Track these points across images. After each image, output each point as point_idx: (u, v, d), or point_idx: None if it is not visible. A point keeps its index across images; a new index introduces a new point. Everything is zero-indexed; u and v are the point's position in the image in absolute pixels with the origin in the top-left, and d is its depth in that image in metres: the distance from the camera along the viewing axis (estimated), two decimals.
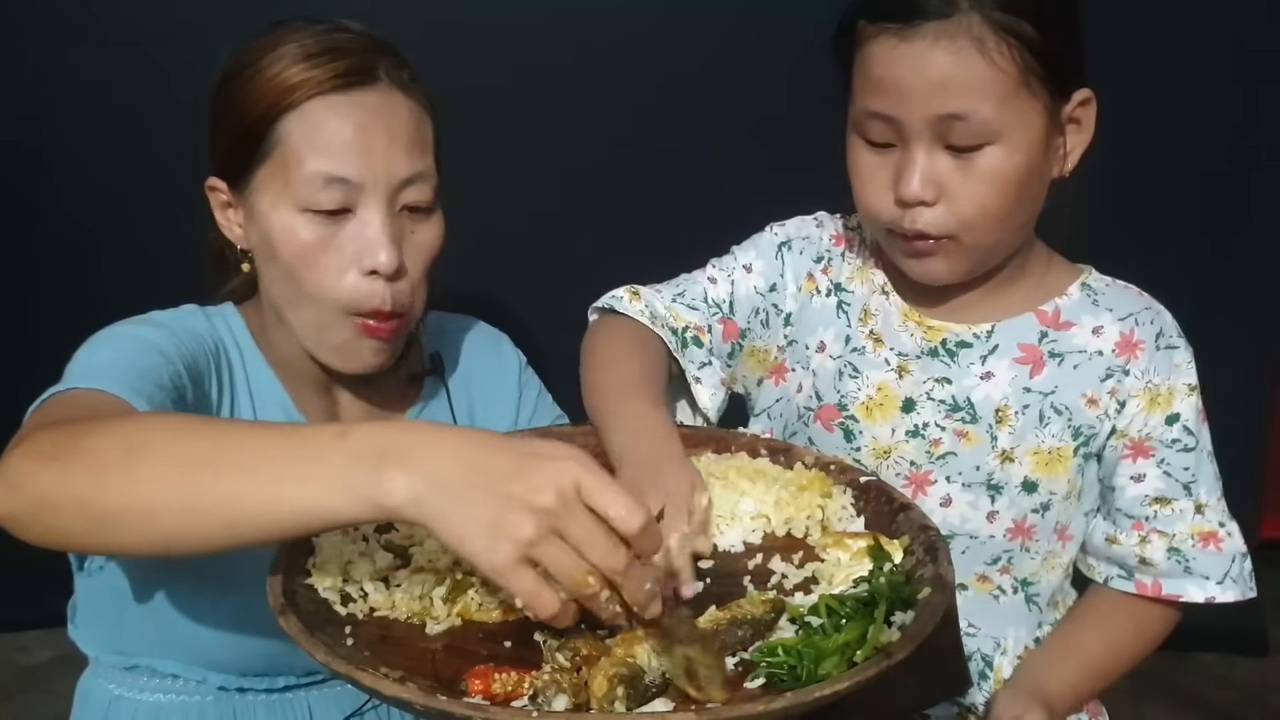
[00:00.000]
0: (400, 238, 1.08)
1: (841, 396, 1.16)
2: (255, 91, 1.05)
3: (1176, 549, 1.11)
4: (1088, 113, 1.06)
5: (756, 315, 1.22)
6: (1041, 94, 1.01)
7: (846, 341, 1.17)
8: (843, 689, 0.72)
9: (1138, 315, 1.12)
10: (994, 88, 0.99)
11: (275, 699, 1.16)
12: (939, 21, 0.98)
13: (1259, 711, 2.23)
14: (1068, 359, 1.12)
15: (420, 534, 0.94)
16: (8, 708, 2.17)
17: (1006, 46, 0.98)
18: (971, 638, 1.14)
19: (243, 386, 1.14)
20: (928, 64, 0.99)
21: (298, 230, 1.05)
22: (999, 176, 1.02)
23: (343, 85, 1.05)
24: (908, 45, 1.00)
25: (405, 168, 1.07)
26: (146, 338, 1.02)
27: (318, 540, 0.91)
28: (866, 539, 0.93)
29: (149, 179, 2.04)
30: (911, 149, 1.03)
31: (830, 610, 0.82)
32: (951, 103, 1.00)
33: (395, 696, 0.72)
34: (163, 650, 1.13)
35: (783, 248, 1.22)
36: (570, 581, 0.72)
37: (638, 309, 1.18)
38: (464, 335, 1.31)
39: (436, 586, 0.89)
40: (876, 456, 1.14)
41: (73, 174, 2.08)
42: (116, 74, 2.01)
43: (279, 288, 1.10)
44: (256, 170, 1.07)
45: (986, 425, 1.11)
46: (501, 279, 1.86)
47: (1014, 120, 1.01)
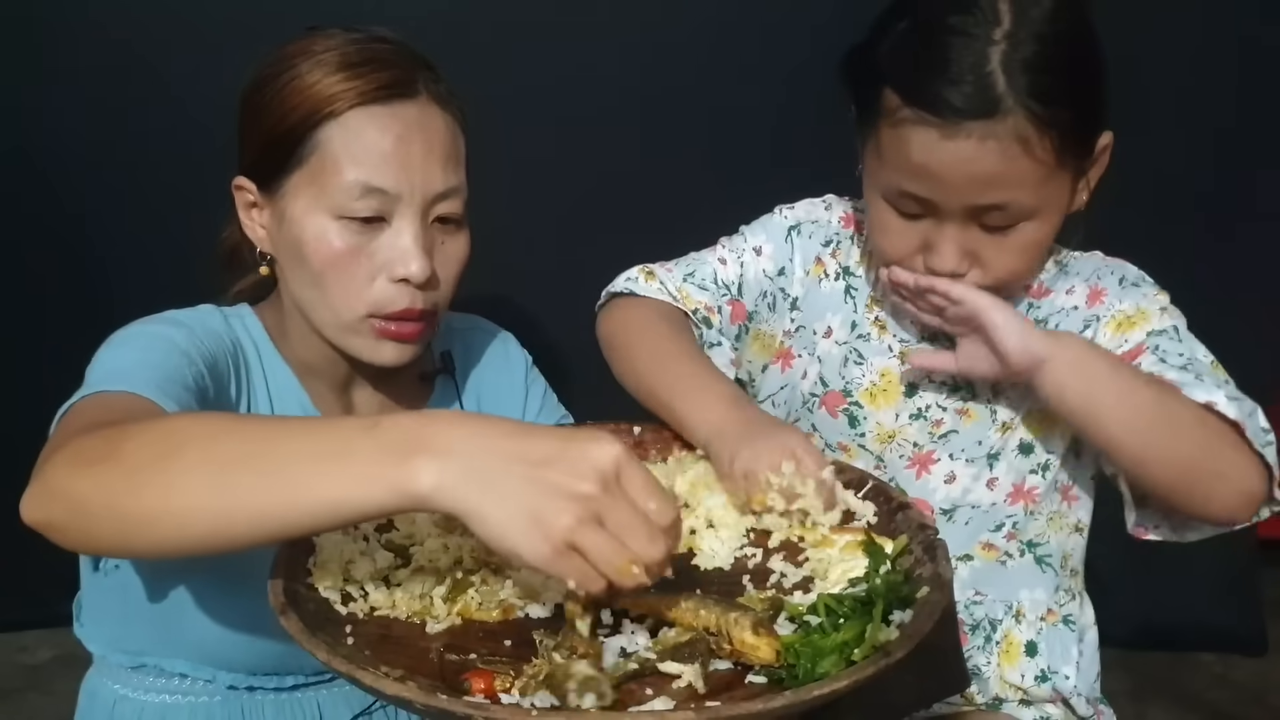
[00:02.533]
0: (432, 249, 1.08)
1: (846, 383, 1.17)
2: (294, 97, 1.05)
3: (1186, 369, 1.04)
4: (1108, 151, 1.07)
5: (764, 299, 1.23)
6: (1070, 162, 1.02)
7: (853, 327, 1.19)
8: (841, 688, 0.72)
9: (1099, 270, 1.16)
10: (1034, 177, 1.00)
11: (284, 698, 1.17)
12: (984, 122, 0.98)
13: (1259, 711, 2.23)
14: (1049, 321, 1.15)
15: (420, 533, 0.94)
16: (8, 708, 2.17)
17: (1049, 140, 0.99)
18: (979, 605, 1.15)
19: (260, 386, 1.14)
20: (973, 162, 0.99)
21: (331, 237, 1.06)
22: (1031, 245, 1.05)
23: (384, 97, 1.05)
24: (951, 142, 0.99)
25: (441, 182, 1.07)
26: (168, 337, 1.02)
27: (318, 540, 0.92)
28: (856, 534, 0.94)
29: (151, 180, 2.04)
30: (945, 226, 1.04)
31: (829, 609, 0.83)
32: (992, 195, 1.01)
33: (396, 695, 0.73)
34: (171, 649, 1.13)
35: (792, 231, 1.23)
36: (614, 571, 0.71)
37: (655, 288, 1.21)
38: (471, 334, 1.32)
39: (436, 586, 0.89)
40: (881, 441, 1.15)
41: (73, 175, 2.07)
42: (117, 75, 2.01)
43: (304, 291, 1.10)
44: (290, 175, 1.07)
45: (985, 399, 1.14)
46: (506, 277, 1.86)
47: (1050, 197, 1.03)
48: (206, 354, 1.05)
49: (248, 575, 1.00)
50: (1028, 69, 0.97)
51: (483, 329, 1.35)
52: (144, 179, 2.04)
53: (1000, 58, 0.98)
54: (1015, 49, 0.98)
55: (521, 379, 1.33)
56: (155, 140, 2.00)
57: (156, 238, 2.00)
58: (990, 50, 0.98)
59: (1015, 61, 0.97)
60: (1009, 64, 0.97)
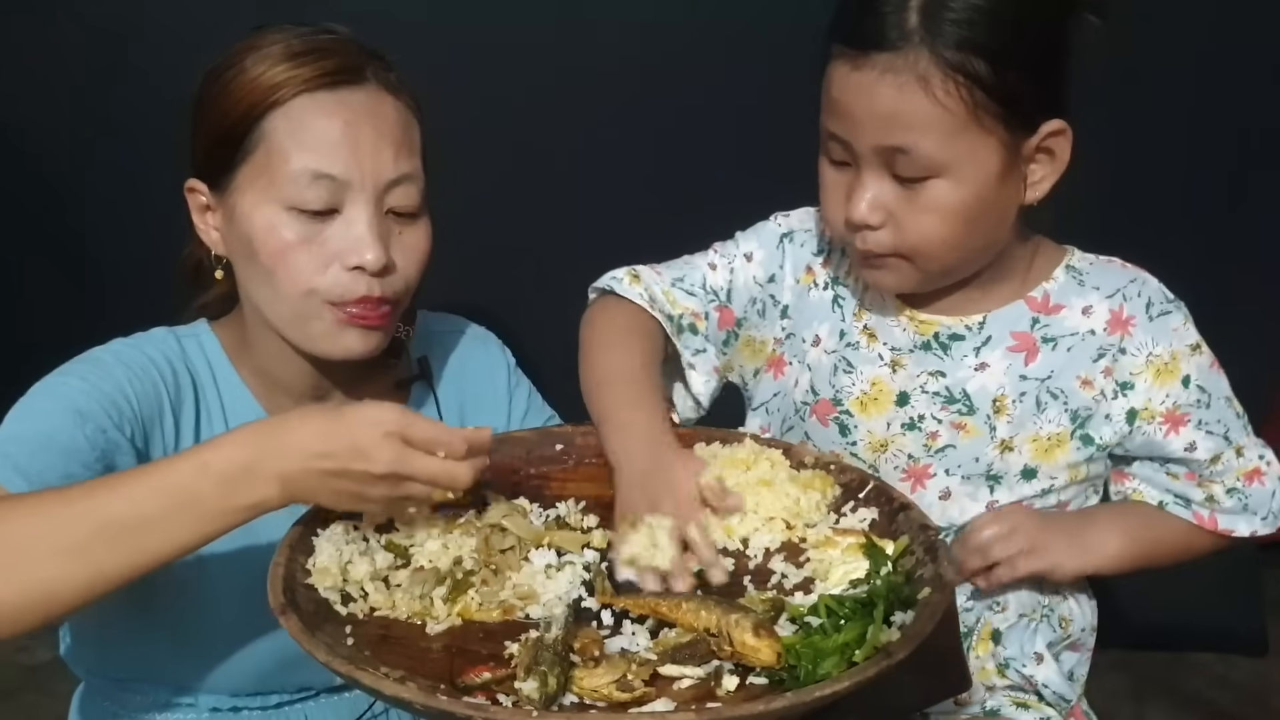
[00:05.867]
0: (387, 238, 1.05)
1: (836, 391, 1.16)
2: (238, 90, 1.03)
3: (1235, 488, 1.14)
4: (1060, 143, 1.03)
5: (754, 305, 1.22)
6: (996, 129, 0.99)
7: (841, 336, 1.18)
8: (842, 689, 0.72)
9: (1124, 289, 1.12)
10: (937, 124, 0.98)
11: (271, 714, 1.15)
12: (889, 54, 0.97)
13: (1259, 711, 2.23)
14: (1060, 343, 1.12)
15: (420, 535, 0.94)
16: (8, 708, 2.17)
17: (954, 85, 0.97)
18: (969, 611, 1.15)
19: (216, 408, 1.12)
20: (873, 95, 0.99)
21: (280, 228, 1.03)
22: (944, 208, 1.02)
23: (330, 83, 1.03)
24: (859, 74, 0.99)
25: (393, 168, 1.05)
26: (68, 397, 1.00)
27: (318, 540, 0.91)
28: (857, 536, 0.94)
29: (143, 183, 2.03)
30: (862, 173, 1.03)
31: (830, 610, 0.82)
32: (895, 136, 0.99)
33: (395, 696, 0.73)
34: (151, 676, 1.13)
35: (785, 239, 1.22)
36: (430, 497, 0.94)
37: (637, 292, 1.19)
38: (452, 337, 1.29)
39: (436, 586, 0.89)
40: (873, 450, 1.14)
41: (68, 177, 2.07)
42: (117, 76, 2.01)
43: (258, 289, 1.07)
44: (238, 169, 1.04)
45: (985, 416, 1.12)
46: (491, 277, 1.86)
47: (961, 155, 1.00)
48: (123, 399, 1.03)
49: (216, 617, 1.05)
50: (946, 11, 0.96)
51: (462, 331, 1.31)
52: (137, 182, 2.03)
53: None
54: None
55: (504, 383, 1.30)
56: (150, 143, 2.00)
57: (148, 240, 2.00)
58: None
59: (936, 3, 0.96)
60: (928, 3, 0.97)
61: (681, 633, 0.83)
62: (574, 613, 0.87)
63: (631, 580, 0.91)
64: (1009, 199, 1.05)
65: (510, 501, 1.01)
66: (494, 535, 0.95)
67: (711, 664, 0.80)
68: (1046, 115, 1.02)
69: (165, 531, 0.85)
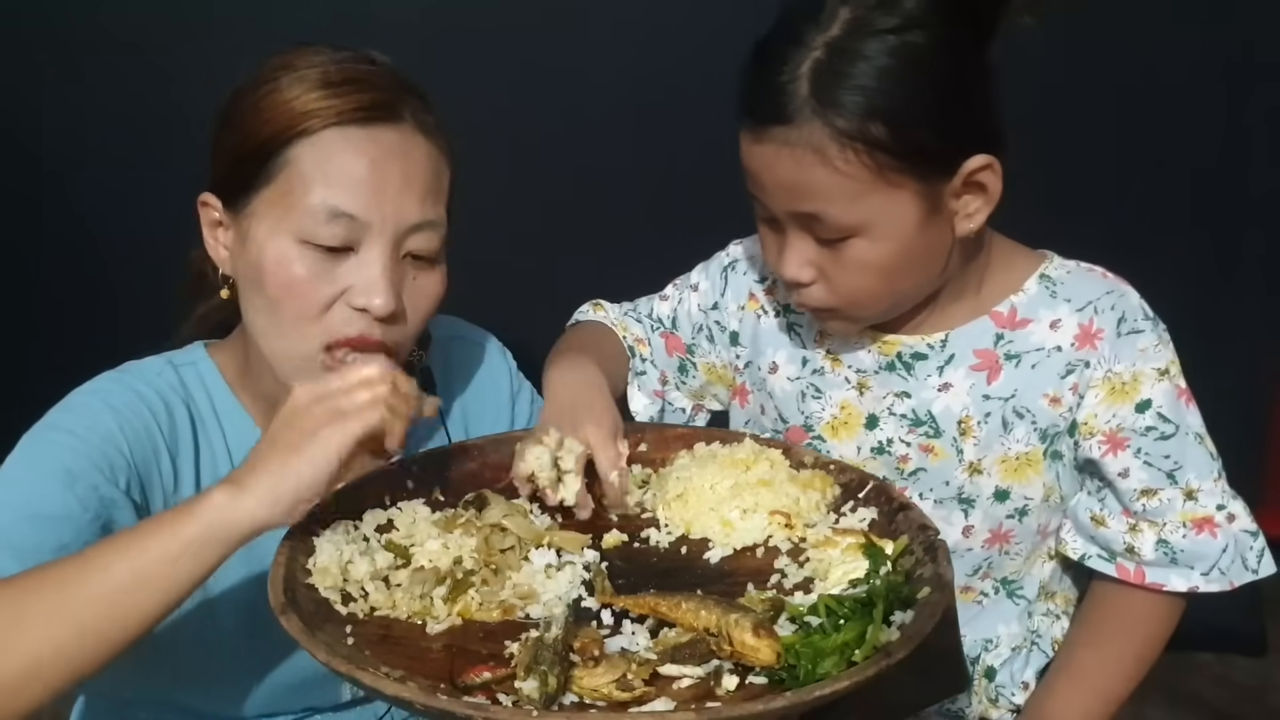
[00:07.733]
0: (400, 284, 1.03)
1: (806, 418, 1.16)
2: (268, 111, 1.00)
3: (1165, 540, 1.07)
4: (988, 176, 1.00)
5: (701, 331, 1.26)
6: (907, 183, 0.97)
7: (804, 363, 1.17)
8: (842, 688, 0.72)
9: (1097, 302, 1.07)
10: (840, 191, 0.97)
11: None
12: (784, 127, 0.96)
13: (1258, 710, 2.23)
14: (1025, 359, 1.08)
15: (420, 535, 0.94)
16: None
17: (853, 152, 0.95)
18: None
19: (217, 439, 1.10)
20: (774, 168, 0.99)
21: (291, 262, 1.00)
22: (867, 265, 1.01)
23: (363, 119, 1.00)
24: (760, 146, 0.99)
25: (416, 213, 1.02)
26: (55, 460, 0.98)
27: (318, 540, 0.92)
28: (857, 536, 0.94)
29: (154, 183, 2.03)
30: (787, 234, 1.03)
31: (829, 610, 0.83)
32: (803, 204, 0.99)
33: (395, 695, 0.73)
34: (148, 701, 1.11)
35: (728, 269, 1.24)
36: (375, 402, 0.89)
37: (600, 316, 1.28)
38: (451, 345, 1.26)
39: (437, 586, 0.89)
40: None
41: (76, 177, 2.08)
42: (122, 78, 2.01)
43: (258, 318, 1.04)
44: (257, 193, 1.01)
45: (951, 438, 1.10)
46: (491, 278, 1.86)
47: (874, 215, 0.98)
48: (115, 450, 1.00)
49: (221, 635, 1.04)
50: (836, 80, 0.94)
51: (463, 337, 1.29)
52: (147, 183, 2.03)
53: (811, 65, 0.95)
54: (832, 58, 0.94)
55: (507, 388, 1.29)
56: (160, 144, 2.00)
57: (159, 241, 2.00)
58: (805, 57, 0.95)
59: (826, 72, 0.94)
60: (818, 73, 0.94)
61: (681, 632, 0.83)
62: (574, 612, 0.87)
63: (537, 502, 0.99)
64: (937, 241, 1.03)
65: (510, 501, 1.01)
66: (494, 535, 0.95)
67: (711, 664, 0.80)
68: (967, 153, 0.99)
69: (166, 587, 0.84)
